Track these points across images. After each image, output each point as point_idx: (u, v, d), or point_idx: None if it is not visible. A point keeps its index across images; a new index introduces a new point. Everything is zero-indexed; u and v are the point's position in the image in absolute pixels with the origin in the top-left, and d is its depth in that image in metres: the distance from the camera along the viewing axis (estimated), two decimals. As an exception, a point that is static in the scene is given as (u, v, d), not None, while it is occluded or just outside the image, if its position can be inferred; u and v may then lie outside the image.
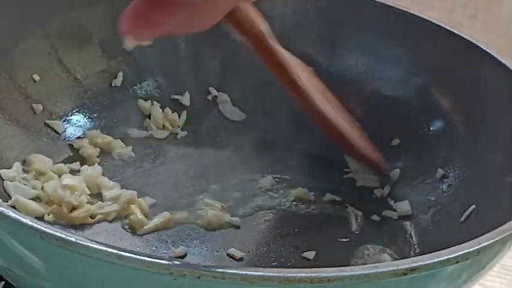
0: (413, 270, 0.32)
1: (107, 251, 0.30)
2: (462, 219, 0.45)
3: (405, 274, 0.32)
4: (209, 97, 0.57)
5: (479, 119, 0.49)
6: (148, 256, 0.30)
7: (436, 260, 0.32)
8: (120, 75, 0.55)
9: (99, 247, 0.30)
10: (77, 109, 0.53)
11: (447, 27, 0.52)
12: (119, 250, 0.30)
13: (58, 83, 0.52)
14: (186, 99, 0.57)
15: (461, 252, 0.33)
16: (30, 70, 0.51)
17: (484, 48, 0.50)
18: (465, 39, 0.51)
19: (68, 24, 0.53)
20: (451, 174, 0.49)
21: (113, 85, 0.55)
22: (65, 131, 0.52)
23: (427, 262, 0.32)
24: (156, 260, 0.30)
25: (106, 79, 0.55)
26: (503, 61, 0.49)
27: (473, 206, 0.45)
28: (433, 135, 0.52)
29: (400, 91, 0.54)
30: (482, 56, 0.50)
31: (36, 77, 0.51)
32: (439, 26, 0.53)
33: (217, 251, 0.45)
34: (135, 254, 0.30)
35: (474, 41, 0.51)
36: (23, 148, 0.49)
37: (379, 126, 0.54)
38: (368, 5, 0.55)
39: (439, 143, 0.51)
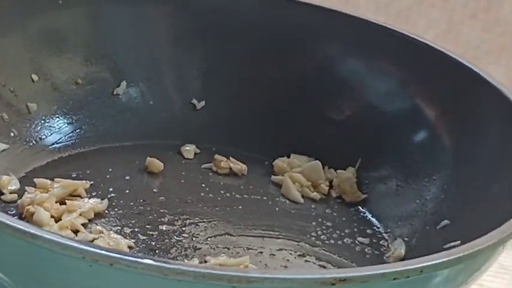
0: (403, 273, 0.31)
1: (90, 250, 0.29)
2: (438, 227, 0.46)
3: (395, 279, 0.31)
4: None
5: (464, 130, 0.50)
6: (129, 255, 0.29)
7: (427, 263, 0.31)
8: (102, 81, 0.54)
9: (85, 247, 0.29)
10: (57, 115, 0.52)
11: (432, 45, 0.53)
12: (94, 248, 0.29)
13: (36, 89, 0.52)
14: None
15: (452, 257, 0.32)
16: (8, 76, 0.50)
17: (467, 65, 0.50)
18: (447, 54, 0.52)
19: (48, 29, 0.52)
20: (436, 182, 0.49)
21: (93, 91, 0.54)
22: (45, 137, 0.51)
23: (416, 266, 0.31)
24: (150, 262, 0.29)
25: (87, 85, 0.54)
26: (486, 77, 0.49)
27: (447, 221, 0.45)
28: (418, 145, 0.52)
29: (387, 103, 0.54)
30: (465, 71, 0.50)
31: (15, 83, 0.51)
32: (426, 43, 0.53)
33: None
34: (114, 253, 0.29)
35: (458, 58, 0.51)
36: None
37: (363, 136, 0.54)
38: (362, 25, 0.55)
39: (424, 153, 0.51)
